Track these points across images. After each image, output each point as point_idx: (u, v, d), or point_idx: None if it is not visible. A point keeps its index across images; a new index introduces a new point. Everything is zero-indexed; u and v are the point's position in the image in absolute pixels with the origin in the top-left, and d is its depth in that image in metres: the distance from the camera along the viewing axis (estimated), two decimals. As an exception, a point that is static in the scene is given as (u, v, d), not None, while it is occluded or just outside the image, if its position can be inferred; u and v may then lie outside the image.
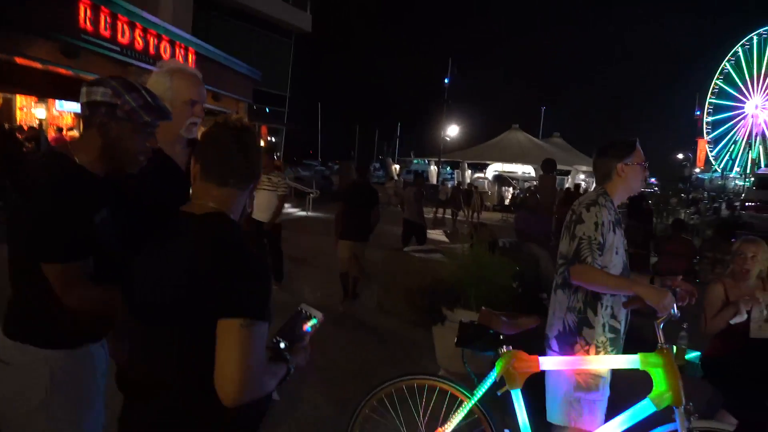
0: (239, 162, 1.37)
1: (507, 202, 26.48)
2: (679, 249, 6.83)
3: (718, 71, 67.00)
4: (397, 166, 40.36)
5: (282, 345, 1.43)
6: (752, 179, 34.67)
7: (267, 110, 29.07)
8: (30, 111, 14.18)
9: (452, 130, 34.48)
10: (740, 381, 2.68)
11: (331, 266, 7.50)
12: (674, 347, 2.18)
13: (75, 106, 13.47)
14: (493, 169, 30.53)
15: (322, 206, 18.69)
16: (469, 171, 31.33)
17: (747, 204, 29.38)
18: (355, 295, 6.74)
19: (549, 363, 2.42)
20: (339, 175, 28.10)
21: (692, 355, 3.40)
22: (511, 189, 28.70)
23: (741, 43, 64.86)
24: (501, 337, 2.43)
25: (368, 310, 6.42)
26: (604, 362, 2.38)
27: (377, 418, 2.66)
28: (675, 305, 2.16)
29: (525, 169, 30.34)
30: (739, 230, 15.28)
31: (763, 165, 46.05)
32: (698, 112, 68.58)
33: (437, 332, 4.26)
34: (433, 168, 33.65)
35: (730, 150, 67.42)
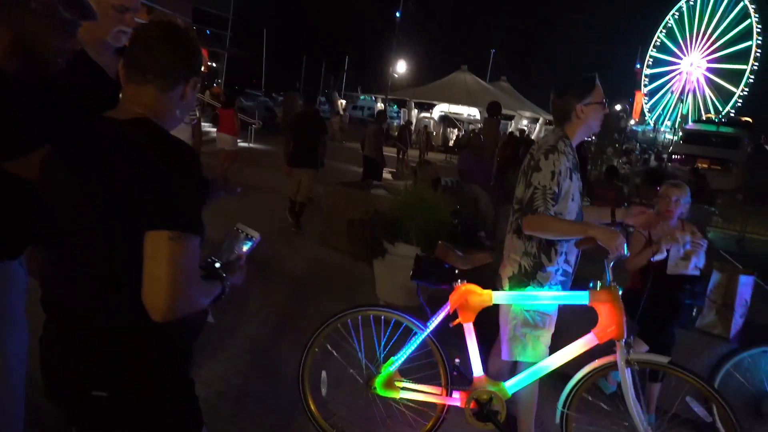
0: (159, 53, 1.25)
1: (451, 143, 26.71)
2: (610, 194, 7.18)
3: (662, 25, 68.71)
4: (344, 102, 39.49)
5: (217, 264, 1.39)
6: (680, 134, 36.47)
7: (208, 33, 27.38)
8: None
9: (401, 67, 33.87)
10: (654, 311, 2.88)
11: (278, 196, 7.55)
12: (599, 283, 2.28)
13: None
14: (440, 109, 30.46)
15: (264, 138, 18.16)
16: (416, 110, 31.14)
17: (673, 156, 31.12)
18: (298, 224, 6.89)
19: (502, 298, 2.45)
20: (283, 107, 27.20)
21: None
22: (455, 130, 28.87)
23: (685, -2, 66.32)
24: (456, 271, 2.46)
25: (310, 243, 6.43)
26: (555, 298, 2.43)
27: (330, 350, 2.69)
28: (625, 245, 2.19)
29: (471, 112, 30.48)
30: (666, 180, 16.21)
31: (690, 121, 48.39)
32: (638, 65, 70.65)
33: (378, 265, 4.33)
34: (380, 105, 33.20)
35: (664, 104, 70.41)
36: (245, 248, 1.45)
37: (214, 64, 28.94)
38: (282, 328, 4.00)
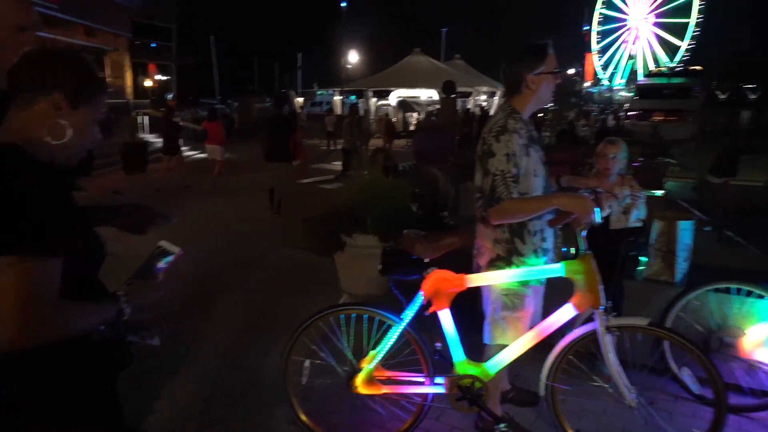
0: (28, 66, 1.23)
1: (412, 127, 26.73)
2: (564, 157, 7.32)
3: (609, -20, 69.74)
4: (301, 99, 39.14)
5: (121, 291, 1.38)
6: (634, 90, 37.13)
7: (153, 45, 26.75)
8: None
9: (353, 57, 33.70)
10: (602, 267, 2.95)
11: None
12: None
13: None
14: (396, 95, 30.44)
15: (228, 146, 17.88)
16: (374, 99, 31.06)
17: (629, 113, 31.73)
18: (279, 210, 7.90)
19: (475, 280, 2.42)
20: (238, 112, 26.84)
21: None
22: (415, 114, 28.90)
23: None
24: (426, 259, 2.42)
25: (275, 245, 6.42)
26: (530, 273, 2.38)
27: (310, 354, 2.67)
28: (597, 210, 2.17)
29: (429, 93, 30.54)
30: (620, 137, 16.55)
31: (642, 76, 49.39)
32: (586, 27, 71.70)
33: (339, 259, 4.35)
34: (337, 98, 33.03)
35: (616, 61, 71.68)
36: (163, 264, 1.47)
37: (163, 77, 28.32)
38: (254, 332, 4.02)
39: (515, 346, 2.40)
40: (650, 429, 2.66)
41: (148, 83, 26.92)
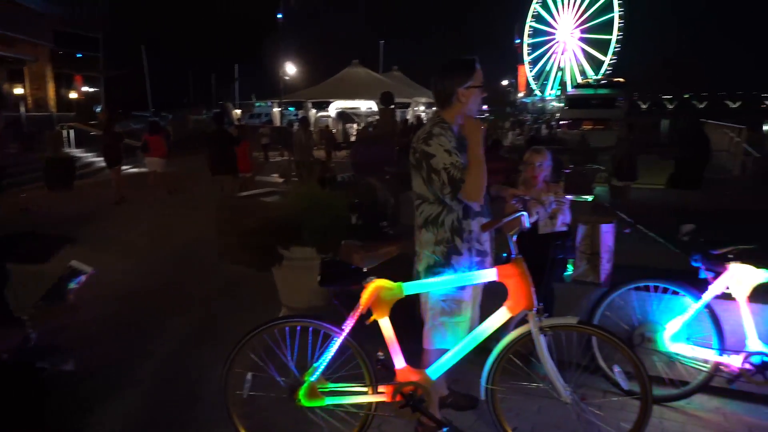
0: None
1: (353, 138, 26.83)
2: (497, 166, 7.56)
3: (537, -5, 73.27)
4: (239, 111, 38.44)
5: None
6: (564, 100, 38.94)
7: (79, 56, 25.53)
8: None
9: (291, 69, 33.53)
10: (532, 271, 3.05)
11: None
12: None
13: None
14: (336, 106, 30.50)
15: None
16: (314, 110, 30.97)
17: (561, 122, 33.24)
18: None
19: (413, 288, 2.48)
20: (173, 124, 26.04)
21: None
22: (355, 125, 29.05)
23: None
24: (364, 269, 2.44)
25: (211, 259, 6.25)
26: (465, 279, 2.47)
27: (252, 367, 2.61)
28: (526, 217, 2.31)
29: (369, 104, 30.79)
30: (552, 146, 17.29)
31: (570, 87, 51.95)
32: (518, 41, 74.84)
33: (277, 272, 4.29)
34: (276, 110, 32.70)
35: (547, 72, 75.20)
36: (73, 285, 1.41)
37: (90, 89, 27.06)
38: (193, 349, 3.92)
39: (455, 350, 2.46)
40: (582, 424, 2.78)
41: (73, 95, 25.65)
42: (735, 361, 2.89)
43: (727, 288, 2.91)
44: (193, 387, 3.33)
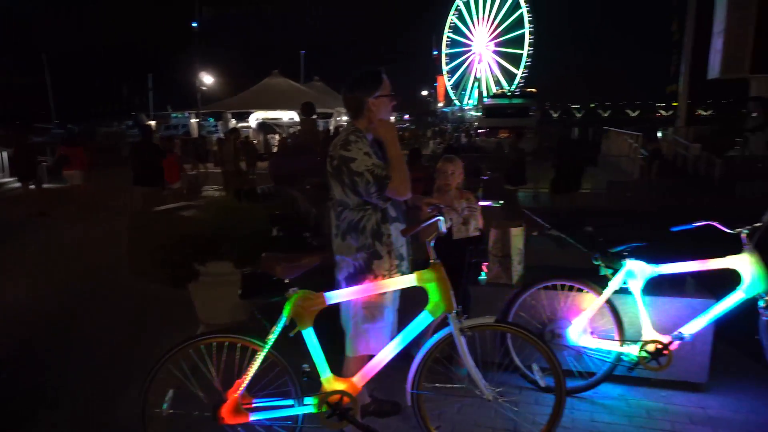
0: None
1: (275, 149, 26.43)
2: (417, 175, 7.74)
3: (453, 7, 76.20)
4: (153, 123, 36.80)
5: None
6: (481, 109, 40.57)
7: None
8: None
9: (208, 79, 32.59)
10: (448, 275, 3.15)
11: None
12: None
13: None
14: (256, 117, 29.95)
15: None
16: (234, 121, 30.23)
17: (479, 131, 34.54)
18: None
19: (335, 297, 2.49)
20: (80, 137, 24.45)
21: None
22: (277, 136, 28.67)
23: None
24: (286, 280, 2.43)
25: (125, 276, 5.94)
26: (385, 286, 2.52)
27: (174, 386, 2.51)
28: (441, 222, 2.42)
29: (290, 115, 30.48)
30: (471, 153, 17.91)
31: (486, 97, 54.23)
32: (435, 52, 77.20)
33: (194, 289, 4.15)
34: (194, 121, 31.64)
35: (464, 83, 78.16)
36: None
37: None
38: (107, 371, 3.71)
39: (379, 356, 2.50)
40: (500, 420, 2.91)
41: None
42: (633, 350, 3.13)
43: (625, 283, 3.15)
44: (108, 411, 3.14)
